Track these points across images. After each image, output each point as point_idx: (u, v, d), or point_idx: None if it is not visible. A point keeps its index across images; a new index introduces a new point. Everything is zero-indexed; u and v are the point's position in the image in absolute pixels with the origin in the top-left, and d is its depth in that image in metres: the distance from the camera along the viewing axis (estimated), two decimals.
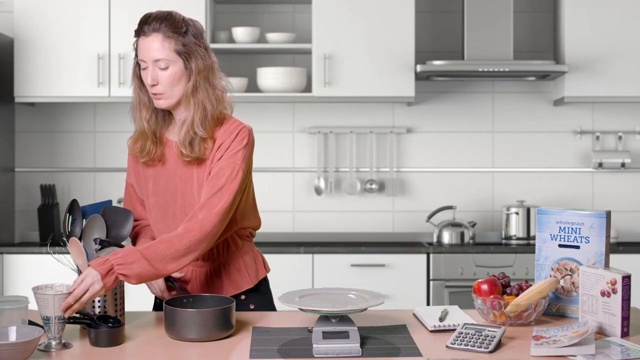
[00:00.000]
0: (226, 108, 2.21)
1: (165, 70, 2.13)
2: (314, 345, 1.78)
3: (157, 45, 2.11)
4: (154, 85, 2.13)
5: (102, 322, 1.90)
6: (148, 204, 2.28)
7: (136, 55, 2.18)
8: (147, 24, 2.14)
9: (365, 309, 1.85)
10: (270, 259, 2.45)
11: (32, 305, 1.98)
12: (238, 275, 2.28)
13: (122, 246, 2.10)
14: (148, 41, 2.12)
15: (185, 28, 2.14)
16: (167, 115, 2.24)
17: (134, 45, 2.19)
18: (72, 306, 1.87)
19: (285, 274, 3.95)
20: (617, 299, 1.91)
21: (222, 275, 2.27)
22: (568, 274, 2.15)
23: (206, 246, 2.07)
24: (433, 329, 1.99)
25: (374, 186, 4.53)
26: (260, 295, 2.33)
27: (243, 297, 2.29)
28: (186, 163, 2.18)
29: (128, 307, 3.39)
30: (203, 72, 2.15)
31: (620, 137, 4.55)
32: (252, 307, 2.29)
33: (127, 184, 2.36)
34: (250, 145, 2.18)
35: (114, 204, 4.19)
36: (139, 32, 2.15)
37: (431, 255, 4.09)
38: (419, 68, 4.18)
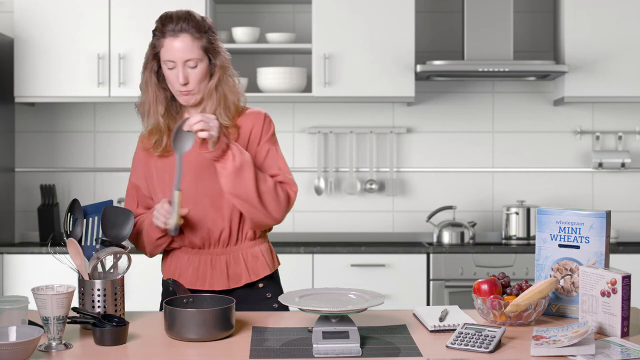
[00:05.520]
0: (241, 97, 2.33)
1: (195, 68, 2.22)
2: (314, 345, 1.78)
3: (187, 46, 2.20)
4: (185, 84, 2.22)
5: (107, 320, 1.89)
6: (164, 197, 2.28)
7: (155, 55, 2.25)
8: (174, 23, 2.20)
9: (365, 309, 1.85)
10: None
11: (32, 306, 1.98)
12: (255, 262, 2.33)
13: (122, 246, 2.10)
14: (177, 42, 2.20)
15: (206, 26, 2.24)
16: (178, 108, 2.32)
17: (155, 44, 2.24)
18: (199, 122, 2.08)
19: (285, 274, 3.93)
20: (617, 299, 1.91)
21: (240, 263, 2.31)
22: (568, 274, 2.15)
23: (281, 213, 2.26)
24: (433, 329, 1.99)
25: (374, 186, 4.53)
26: (276, 285, 2.39)
27: (261, 285, 2.33)
28: None
29: (128, 307, 3.39)
30: (225, 67, 2.27)
31: (620, 137, 4.55)
32: (268, 295, 2.34)
33: (131, 185, 2.38)
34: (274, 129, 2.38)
35: (114, 204, 4.19)
36: (164, 33, 2.21)
37: (431, 255, 4.09)
38: (419, 68, 4.18)
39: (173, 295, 2.23)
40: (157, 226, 2.21)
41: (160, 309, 2.39)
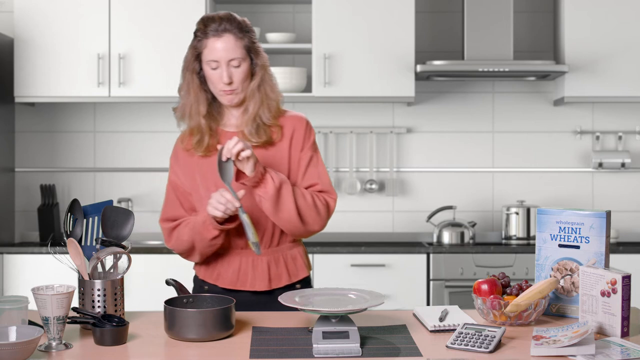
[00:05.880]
0: (281, 96, 2.37)
1: (238, 68, 2.26)
2: (314, 345, 1.78)
3: (231, 46, 2.24)
4: (229, 83, 2.25)
5: (107, 320, 1.89)
6: (207, 194, 2.28)
7: (197, 56, 2.28)
8: (217, 24, 2.24)
9: (365, 309, 1.85)
10: None
11: (32, 306, 1.98)
12: (294, 264, 2.36)
13: (122, 246, 2.10)
14: (221, 42, 2.24)
15: (247, 27, 2.30)
16: (219, 109, 2.36)
17: (197, 46, 2.27)
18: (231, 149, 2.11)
19: None
20: (617, 299, 1.91)
21: (281, 264, 2.34)
22: (568, 274, 2.15)
23: (321, 223, 2.29)
24: (433, 329, 1.99)
25: (374, 186, 4.53)
26: (309, 286, 2.42)
27: (298, 286, 2.36)
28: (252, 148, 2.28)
29: (128, 307, 3.38)
30: (266, 67, 2.32)
31: (620, 137, 4.55)
32: None
33: (170, 187, 2.39)
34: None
35: (114, 204, 4.19)
36: (207, 34, 2.25)
37: (431, 255, 4.09)
38: (419, 68, 4.18)
39: (205, 294, 2.27)
40: (212, 224, 2.20)
41: (194, 290, 2.41)
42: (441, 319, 2.03)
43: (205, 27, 2.25)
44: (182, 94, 2.33)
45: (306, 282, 2.40)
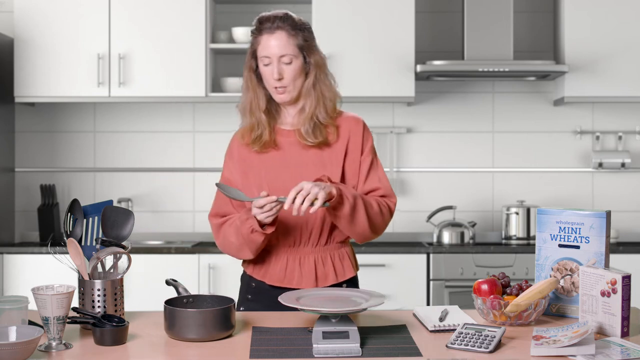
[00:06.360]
0: (338, 97, 2.39)
1: (289, 64, 2.30)
2: (314, 345, 1.78)
3: (283, 42, 2.28)
4: (280, 79, 2.28)
5: (107, 320, 1.89)
6: (258, 191, 2.28)
7: (253, 54, 2.33)
8: (270, 22, 2.30)
9: (365, 309, 1.85)
10: None
11: (32, 306, 1.98)
12: (341, 263, 2.36)
13: (122, 246, 2.10)
14: (273, 38, 2.29)
15: (302, 26, 2.33)
16: (277, 107, 2.39)
17: (253, 43, 2.32)
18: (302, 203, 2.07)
19: None
20: (617, 299, 1.91)
21: (328, 263, 2.34)
22: (568, 274, 2.15)
23: (385, 228, 2.36)
24: (433, 329, 1.99)
25: None
26: (356, 286, 2.42)
27: (344, 285, 2.36)
28: (306, 147, 2.31)
29: (128, 307, 3.38)
30: (321, 65, 2.34)
31: (620, 137, 4.55)
32: None
33: (225, 181, 2.39)
34: None
35: (114, 203, 4.19)
36: (261, 31, 2.30)
37: (431, 255, 4.09)
38: (419, 68, 4.18)
39: (254, 291, 2.29)
40: (259, 232, 2.20)
41: (237, 308, 2.39)
42: (441, 319, 2.03)
43: (260, 25, 2.31)
44: (243, 91, 2.38)
45: (353, 282, 2.39)
